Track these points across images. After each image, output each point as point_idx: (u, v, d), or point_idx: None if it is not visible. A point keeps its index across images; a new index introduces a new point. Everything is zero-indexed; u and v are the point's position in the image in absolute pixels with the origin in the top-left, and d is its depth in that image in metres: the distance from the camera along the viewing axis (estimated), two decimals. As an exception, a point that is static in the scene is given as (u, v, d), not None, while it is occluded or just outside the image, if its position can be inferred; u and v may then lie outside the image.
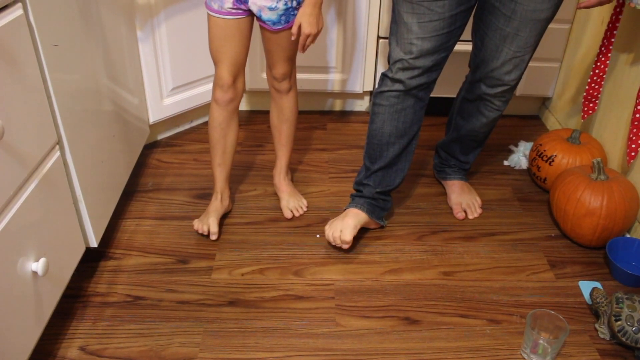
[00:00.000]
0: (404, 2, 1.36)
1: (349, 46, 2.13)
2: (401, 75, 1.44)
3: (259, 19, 1.45)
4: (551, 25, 2.06)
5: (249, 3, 1.41)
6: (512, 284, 1.55)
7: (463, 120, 1.69)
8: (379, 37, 2.12)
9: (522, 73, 1.49)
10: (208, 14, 1.46)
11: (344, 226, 1.58)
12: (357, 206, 1.62)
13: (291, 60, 1.57)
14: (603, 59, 1.72)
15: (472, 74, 1.59)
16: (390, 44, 1.45)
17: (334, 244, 1.60)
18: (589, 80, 1.77)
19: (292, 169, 1.94)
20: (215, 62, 1.51)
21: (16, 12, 1.08)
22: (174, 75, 1.96)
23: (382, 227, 1.71)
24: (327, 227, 1.62)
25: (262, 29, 1.49)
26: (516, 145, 2.10)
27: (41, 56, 1.17)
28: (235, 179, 1.91)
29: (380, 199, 1.64)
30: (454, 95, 1.80)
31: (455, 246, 1.68)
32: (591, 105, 1.80)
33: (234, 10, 1.42)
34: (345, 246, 1.59)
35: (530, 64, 2.15)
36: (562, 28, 2.10)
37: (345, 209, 1.65)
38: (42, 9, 1.16)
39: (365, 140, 1.60)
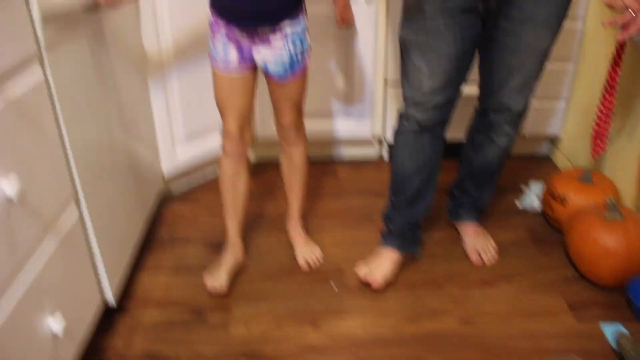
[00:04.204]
0: (411, 44, 1.40)
1: (357, 92, 2.16)
2: (415, 114, 1.47)
3: (265, 72, 1.48)
4: (557, 64, 2.10)
5: (255, 57, 1.45)
6: (532, 329, 1.52)
7: (475, 152, 1.70)
8: (386, 81, 2.15)
9: (529, 100, 1.53)
10: (212, 69, 1.49)
11: (380, 267, 1.67)
12: (389, 244, 1.71)
13: (299, 109, 1.59)
14: (609, 96, 1.74)
15: (481, 103, 1.62)
16: (402, 84, 1.50)
17: (365, 281, 1.67)
18: (596, 118, 1.79)
19: (306, 218, 1.94)
20: (222, 115, 1.54)
21: (35, 72, 1.12)
22: (186, 127, 1.99)
23: (415, 256, 1.77)
24: (362, 265, 1.70)
25: (268, 82, 1.52)
26: (527, 186, 2.11)
27: (59, 114, 1.20)
28: (249, 229, 1.91)
29: (408, 233, 1.71)
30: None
31: (473, 292, 1.66)
32: (600, 143, 1.81)
33: (238, 67, 1.46)
34: (376, 285, 1.65)
35: (538, 103, 2.18)
36: (568, 66, 2.13)
37: (378, 248, 1.72)
38: (59, 68, 1.20)
39: (390, 176, 1.66)
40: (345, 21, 1.68)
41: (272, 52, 1.42)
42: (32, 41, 1.11)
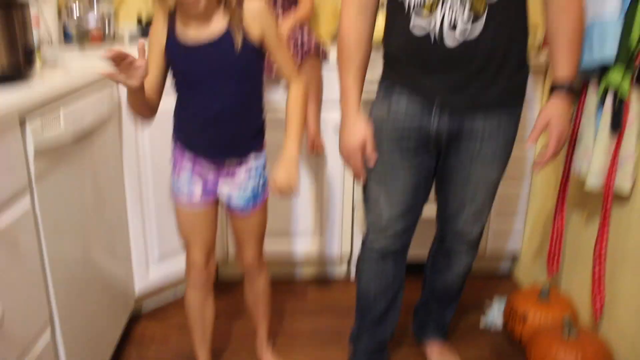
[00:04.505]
0: (371, 175, 1.52)
1: (325, 213, 2.27)
2: (376, 242, 1.58)
3: (228, 206, 1.54)
4: (513, 186, 2.26)
5: (218, 192, 1.52)
6: None
7: (436, 274, 1.79)
8: (353, 204, 2.28)
9: (484, 225, 1.63)
10: (175, 202, 1.54)
11: None
12: None
13: (260, 244, 1.63)
14: (559, 219, 1.88)
15: (439, 230, 1.73)
16: (364, 211, 1.60)
17: None
18: (549, 239, 1.92)
19: (275, 337, 1.96)
20: (187, 247, 1.58)
21: (24, 203, 1.19)
22: (160, 247, 2.05)
23: None
24: None
25: (231, 216, 1.57)
26: (490, 305, 2.18)
27: (42, 241, 1.27)
28: (218, 352, 1.92)
29: (376, 354, 1.75)
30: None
31: (440, 411, 1.67)
32: (554, 263, 1.93)
33: (202, 201, 1.52)
34: None
35: (497, 222, 2.32)
36: (523, 188, 2.30)
37: None
38: (46, 197, 1.28)
39: (356, 297, 1.71)
40: (316, 148, 1.81)
41: (236, 185, 1.49)
42: (25, 175, 1.20)
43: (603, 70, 1.58)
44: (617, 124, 1.56)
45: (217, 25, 1.35)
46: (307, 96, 1.51)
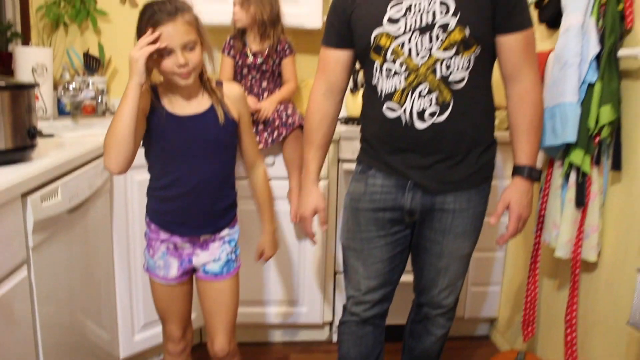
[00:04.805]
0: (350, 249, 1.61)
1: (308, 280, 2.33)
2: (356, 309, 1.64)
3: (203, 273, 1.56)
4: (489, 252, 2.35)
5: (193, 262, 1.56)
6: None
7: (414, 341, 1.84)
8: (335, 272, 2.35)
9: (458, 295, 1.70)
10: (151, 279, 1.57)
11: None
12: None
13: (231, 322, 1.61)
14: (532, 287, 1.97)
15: (416, 298, 1.79)
16: (344, 281, 1.67)
17: None
18: (524, 305, 2.00)
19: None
20: (164, 321, 1.62)
21: (21, 273, 1.25)
22: (146, 316, 2.08)
23: None
24: None
25: (203, 287, 1.58)
26: (469, 368, 2.23)
27: (35, 307, 1.31)
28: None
29: None
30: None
31: None
32: (529, 328, 2.00)
33: (178, 277, 1.56)
34: None
35: (476, 287, 2.40)
36: (499, 254, 2.39)
37: None
38: (42, 266, 1.34)
39: None
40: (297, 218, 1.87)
41: (211, 257, 1.55)
42: (23, 247, 1.26)
43: (566, 150, 1.71)
44: (581, 201, 1.67)
45: (202, 101, 1.47)
46: (268, 175, 1.69)
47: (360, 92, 1.58)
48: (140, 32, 1.36)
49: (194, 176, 1.47)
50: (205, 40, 1.42)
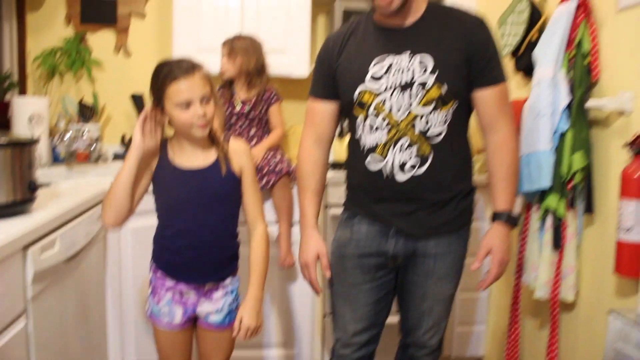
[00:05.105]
0: (336, 294, 1.66)
1: (298, 324, 2.37)
2: (343, 351, 1.68)
3: (205, 322, 1.59)
4: (473, 293, 2.41)
5: (197, 311, 1.60)
6: None
7: None
8: (324, 315, 2.39)
9: (443, 335, 1.73)
10: (154, 326, 1.60)
11: None
12: None
13: None
14: (514, 326, 2.03)
15: (402, 339, 1.84)
16: (332, 324, 1.72)
17: None
18: (507, 345, 2.05)
19: None
20: None
21: (19, 324, 1.29)
22: (138, 358, 2.11)
23: None
24: None
25: (203, 334, 1.62)
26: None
27: (32, 356, 1.35)
28: None
29: None
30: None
31: None
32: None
33: (182, 324, 1.59)
34: None
35: (462, 327, 2.46)
36: (484, 295, 2.46)
37: None
38: (39, 315, 1.38)
39: None
40: (287, 264, 1.94)
41: (214, 306, 1.59)
42: (22, 298, 1.30)
43: (542, 195, 1.80)
44: (558, 243, 1.75)
45: (208, 155, 1.54)
46: (268, 238, 1.64)
47: (347, 137, 1.65)
48: (155, 88, 1.45)
49: (197, 228, 1.53)
50: (216, 95, 1.51)
